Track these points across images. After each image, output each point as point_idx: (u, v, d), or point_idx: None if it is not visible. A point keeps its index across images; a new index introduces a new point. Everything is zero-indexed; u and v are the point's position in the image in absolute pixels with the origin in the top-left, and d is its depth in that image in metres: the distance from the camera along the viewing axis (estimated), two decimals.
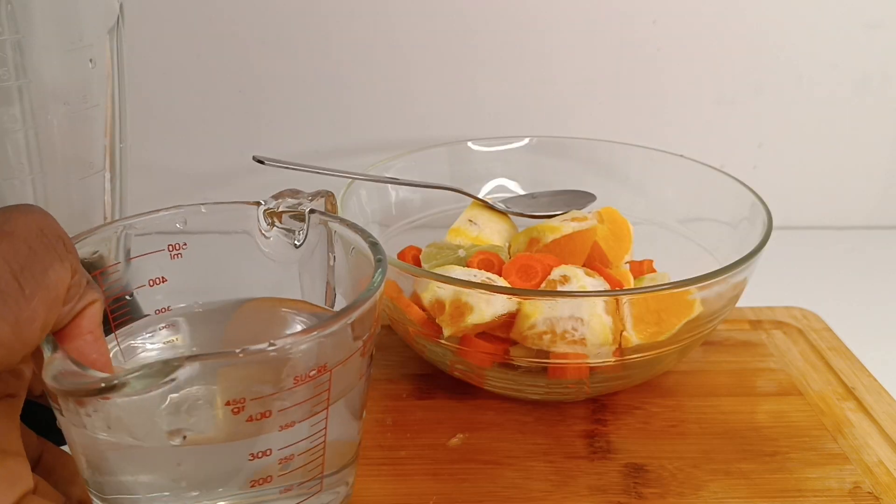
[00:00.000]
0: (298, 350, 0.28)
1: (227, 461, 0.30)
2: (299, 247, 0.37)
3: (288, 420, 0.29)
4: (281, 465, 0.30)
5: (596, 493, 0.39)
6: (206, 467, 0.30)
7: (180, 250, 0.37)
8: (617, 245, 0.50)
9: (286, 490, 0.31)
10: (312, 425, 0.30)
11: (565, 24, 0.64)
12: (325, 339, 0.29)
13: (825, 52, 0.66)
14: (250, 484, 0.30)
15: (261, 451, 0.29)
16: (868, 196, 0.71)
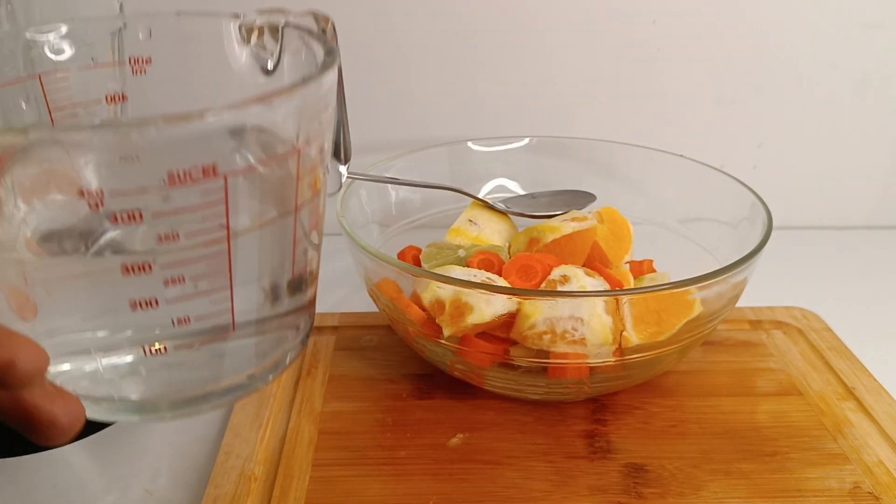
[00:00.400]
0: (172, 135, 0.23)
1: (97, 272, 0.26)
2: (271, 73, 0.32)
3: (168, 230, 0.24)
4: (167, 287, 0.25)
5: (596, 493, 0.39)
6: (71, 273, 0.26)
7: (144, 66, 0.32)
8: (617, 245, 0.50)
9: (182, 322, 0.27)
10: (207, 244, 0.26)
11: (565, 24, 0.64)
12: (217, 136, 0.24)
13: (825, 52, 0.66)
14: (131, 306, 0.26)
15: (136, 264, 0.25)
16: (868, 196, 0.71)
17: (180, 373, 0.28)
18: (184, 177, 0.24)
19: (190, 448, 0.44)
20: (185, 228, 0.25)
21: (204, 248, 0.26)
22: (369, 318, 0.54)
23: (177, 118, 0.23)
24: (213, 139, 0.24)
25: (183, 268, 0.25)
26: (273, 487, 0.39)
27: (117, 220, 0.24)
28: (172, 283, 0.25)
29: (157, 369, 0.28)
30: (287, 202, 0.28)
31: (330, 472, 0.41)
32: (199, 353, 0.28)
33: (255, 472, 0.40)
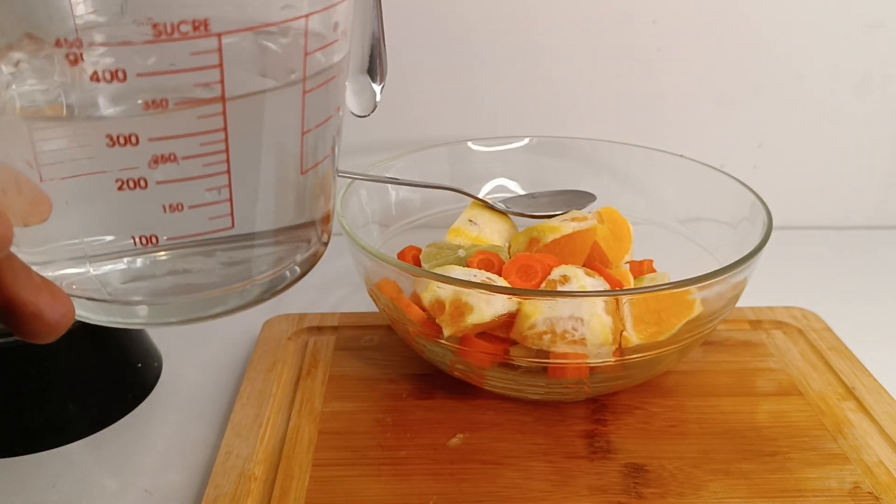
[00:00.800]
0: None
1: (81, 142, 0.23)
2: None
3: (154, 95, 0.22)
4: (157, 166, 0.23)
5: (596, 493, 0.39)
6: (57, 147, 0.23)
7: None
8: (617, 245, 0.50)
9: (174, 208, 0.24)
10: (200, 118, 0.23)
11: (565, 24, 0.64)
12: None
13: (825, 52, 0.66)
14: (117, 185, 0.23)
15: (121, 135, 0.22)
16: (868, 196, 0.71)
17: (173, 268, 0.26)
18: (171, 30, 0.21)
19: (190, 448, 0.44)
20: (173, 94, 0.22)
21: (196, 120, 0.23)
22: (369, 318, 0.54)
23: None
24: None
25: (173, 143, 0.23)
26: (273, 487, 0.39)
27: (98, 79, 0.21)
28: (161, 161, 0.23)
29: (151, 266, 0.25)
30: (294, 79, 0.25)
31: (330, 472, 0.41)
32: (194, 252, 0.26)
33: (255, 472, 0.40)
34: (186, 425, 0.46)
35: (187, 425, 0.46)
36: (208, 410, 0.47)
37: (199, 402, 0.48)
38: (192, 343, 0.53)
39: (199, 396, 0.48)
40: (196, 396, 0.48)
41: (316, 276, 0.66)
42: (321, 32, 0.25)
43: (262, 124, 0.25)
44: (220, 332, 0.54)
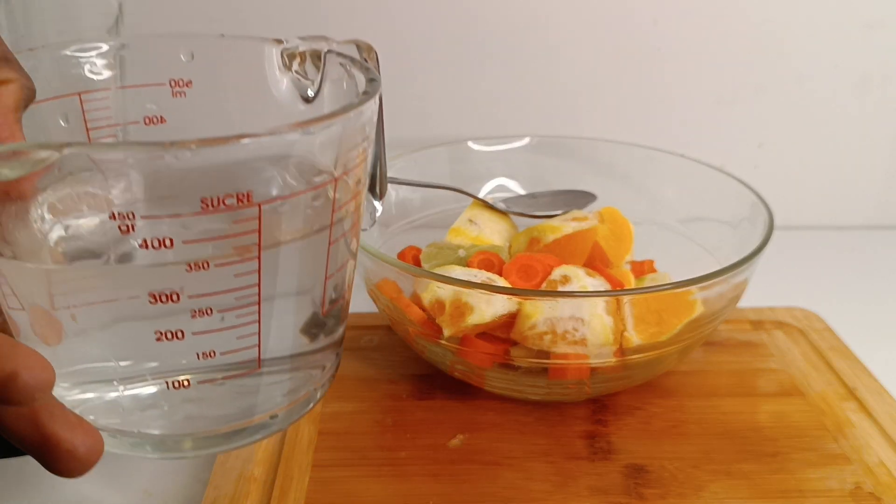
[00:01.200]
0: (205, 160, 0.22)
1: (124, 299, 0.25)
2: (311, 100, 0.32)
3: (196, 256, 0.24)
4: (194, 319, 0.25)
5: (596, 494, 0.39)
6: (101, 306, 0.25)
7: (184, 88, 0.32)
8: (618, 245, 0.49)
9: (206, 355, 0.26)
10: (237, 275, 0.25)
11: (566, 23, 0.64)
12: (253, 162, 0.23)
13: (826, 52, 0.66)
14: (156, 336, 0.25)
15: (164, 292, 0.24)
16: (869, 196, 0.71)
17: (203, 408, 0.27)
18: (217, 203, 0.23)
19: None
20: (215, 257, 0.24)
21: (234, 279, 0.25)
22: (369, 318, 0.54)
23: (213, 141, 0.22)
24: (250, 165, 0.24)
25: (211, 299, 0.25)
26: (272, 488, 0.39)
27: (147, 246, 0.23)
28: (199, 315, 0.25)
29: (180, 404, 0.27)
30: (321, 235, 0.27)
31: (329, 473, 0.40)
32: (223, 389, 0.27)
33: (254, 473, 0.40)
34: None
35: None
36: None
37: None
38: None
39: None
40: None
41: None
42: (347, 188, 0.27)
43: (291, 276, 0.27)
44: None
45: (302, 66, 0.32)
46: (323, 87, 0.32)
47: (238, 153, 0.23)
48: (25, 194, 0.23)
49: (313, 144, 0.25)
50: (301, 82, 0.32)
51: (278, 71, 0.32)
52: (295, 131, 0.24)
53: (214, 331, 0.25)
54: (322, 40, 0.31)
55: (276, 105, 0.33)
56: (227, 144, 0.22)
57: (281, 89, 0.32)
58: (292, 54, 0.32)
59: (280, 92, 0.32)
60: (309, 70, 0.32)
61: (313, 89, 0.32)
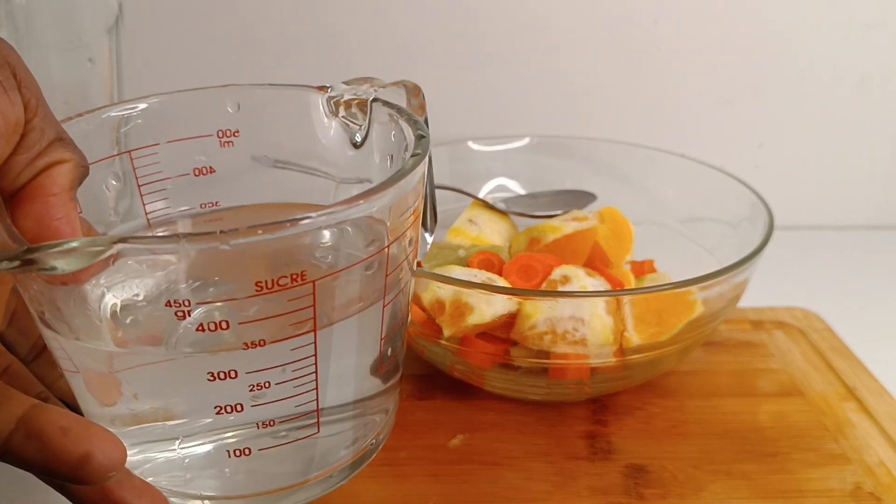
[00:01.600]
0: (259, 244, 0.22)
1: (182, 378, 0.26)
2: (359, 146, 0.31)
3: (254, 337, 0.24)
4: (252, 392, 0.25)
5: (597, 494, 0.39)
6: (160, 382, 0.26)
7: (231, 137, 0.32)
8: (618, 245, 0.49)
9: (266, 425, 0.26)
10: (293, 349, 0.25)
11: (566, 23, 0.64)
12: (305, 236, 0.24)
13: (826, 52, 0.65)
14: (216, 410, 0.26)
15: (222, 371, 0.24)
16: (869, 196, 0.71)
17: (263, 471, 0.28)
18: (271, 285, 0.23)
19: None
20: (271, 334, 0.24)
21: (290, 352, 0.25)
22: None
23: (267, 227, 0.22)
24: (304, 244, 0.24)
25: (268, 373, 0.25)
26: None
27: (204, 330, 0.24)
28: (258, 388, 0.25)
29: (240, 467, 0.27)
30: (374, 298, 0.27)
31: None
32: (284, 451, 0.27)
33: None
34: None
35: None
36: None
37: None
38: None
39: None
40: None
41: None
42: (399, 253, 0.27)
43: (347, 342, 0.28)
44: None
45: (348, 111, 0.32)
46: (371, 131, 0.32)
47: (292, 236, 0.23)
48: (81, 280, 0.24)
49: (366, 213, 0.25)
50: (349, 127, 0.32)
51: (325, 118, 0.32)
52: (346, 207, 0.23)
53: (273, 402, 0.26)
54: (367, 83, 0.31)
55: (323, 150, 0.33)
56: (281, 230, 0.22)
57: (329, 135, 0.32)
58: (338, 102, 0.32)
59: (328, 138, 0.32)
60: (356, 115, 0.32)
61: (361, 134, 0.32)
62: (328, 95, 0.32)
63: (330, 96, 0.32)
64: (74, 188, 0.25)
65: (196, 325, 0.24)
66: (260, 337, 0.24)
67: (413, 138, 0.28)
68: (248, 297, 0.23)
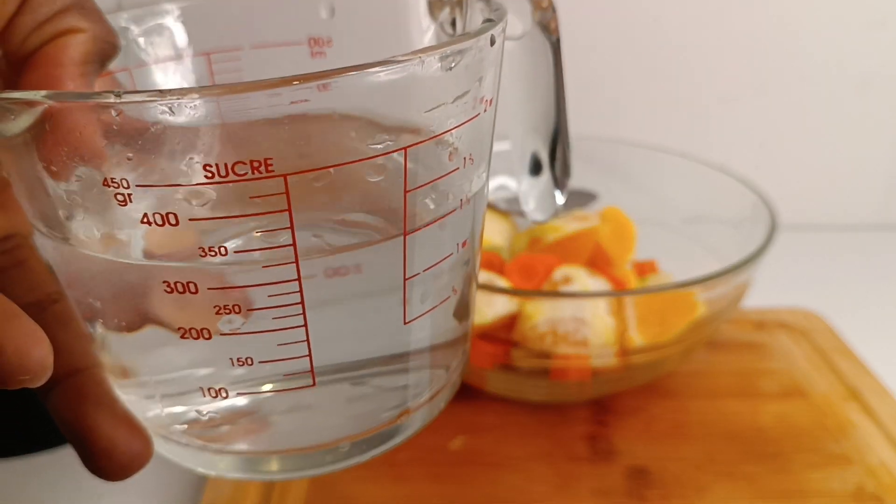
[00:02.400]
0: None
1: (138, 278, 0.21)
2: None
3: (212, 243, 0.20)
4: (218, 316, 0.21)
5: (598, 496, 0.39)
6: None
7: (323, 48, 0.28)
8: (619, 245, 0.49)
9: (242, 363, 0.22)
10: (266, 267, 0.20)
11: (566, 22, 0.64)
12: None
13: (828, 51, 0.65)
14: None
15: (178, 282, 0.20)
16: (872, 196, 0.71)
17: (293, 419, 0.24)
18: (225, 171, 0.19)
19: None
20: (234, 242, 0.20)
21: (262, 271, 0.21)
22: None
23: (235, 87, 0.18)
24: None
25: (234, 293, 0.21)
26: (272, 491, 0.39)
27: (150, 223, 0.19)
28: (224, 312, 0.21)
29: (267, 413, 0.24)
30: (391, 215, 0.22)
31: (329, 476, 0.40)
32: (316, 394, 0.23)
33: None
34: None
35: None
36: None
37: None
38: None
39: None
40: None
41: None
42: (430, 161, 0.22)
43: (352, 273, 0.22)
44: None
45: (451, 13, 0.27)
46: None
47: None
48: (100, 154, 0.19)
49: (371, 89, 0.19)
50: (448, 33, 0.28)
51: (423, 21, 0.28)
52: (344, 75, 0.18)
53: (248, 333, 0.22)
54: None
55: None
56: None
57: (425, 42, 0.28)
58: (440, 2, 0.27)
59: (424, 45, 0.28)
60: (457, 20, 0.27)
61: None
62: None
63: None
64: (89, 63, 0.21)
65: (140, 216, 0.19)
66: (220, 243, 0.20)
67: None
68: (199, 184, 0.19)
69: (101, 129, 0.18)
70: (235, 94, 0.18)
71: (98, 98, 0.18)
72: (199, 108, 0.18)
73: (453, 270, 0.24)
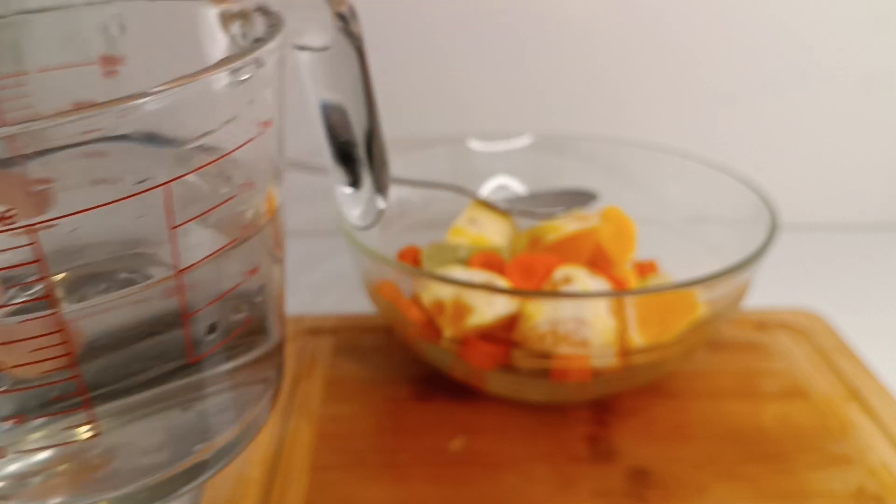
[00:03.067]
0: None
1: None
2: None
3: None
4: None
5: (599, 497, 0.39)
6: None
7: (116, 66, 0.27)
8: (620, 245, 0.49)
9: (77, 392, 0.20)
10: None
11: (567, 21, 0.64)
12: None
13: (830, 50, 0.65)
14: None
15: None
16: (874, 196, 0.71)
17: (78, 472, 0.22)
18: None
19: None
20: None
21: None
22: (368, 319, 0.53)
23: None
24: None
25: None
26: (271, 491, 0.39)
27: None
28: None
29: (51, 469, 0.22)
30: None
31: (329, 476, 0.40)
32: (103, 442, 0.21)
33: (252, 475, 0.40)
34: None
35: None
36: None
37: None
38: None
39: None
40: None
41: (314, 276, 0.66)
42: (198, 193, 0.21)
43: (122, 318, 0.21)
44: None
45: (242, 26, 0.27)
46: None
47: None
48: None
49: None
50: (241, 45, 0.27)
51: (217, 35, 0.28)
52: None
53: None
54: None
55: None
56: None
57: (219, 56, 0.27)
58: (230, 15, 0.27)
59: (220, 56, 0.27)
60: (248, 30, 0.27)
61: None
62: (220, 9, 0.27)
63: (223, 10, 0.27)
64: None
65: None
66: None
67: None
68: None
69: None
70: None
71: None
72: None
73: (243, 299, 0.23)
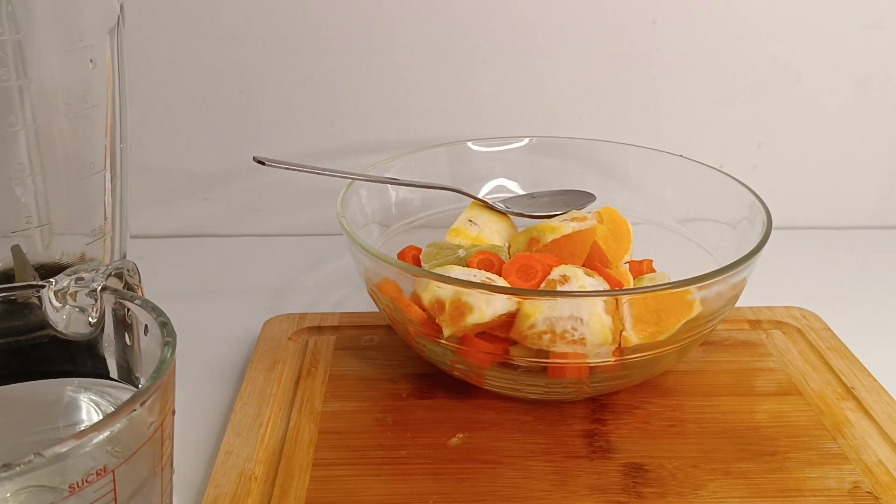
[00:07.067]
0: (68, 458, 0.24)
1: None
2: (94, 325, 0.35)
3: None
4: None
5: (595, 493, 0.39)
6: None
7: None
8: (616, 245, 0.50)
9: None
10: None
11: (565, 24, 0.64)
12: (102, 443, 0.25)
13: (824, 53, 0.66)
14: None
15: None
16: (868, 196, 0.71)
17: None
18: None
19: (190, 447, 0.44)
20: None
21: None
22: (369, 317, 0.54)
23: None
24: None
25: None
26: (273, 487, 0.39)
27: None
28: None
29: None
30: None
31: (330, 472, 0.41)
32: None
33: (255, 471, 0.40)
34: (186, 425, 0.46)
35: (187, 425, 0.46)
36: (208, 410, 0.47)
37: (200, 402, 0.48)
38: (191, 343, 0.52)
39: (200, 396, 0.48)
40: (196, 396, 0.48)
41: (316, 276, 0.66)
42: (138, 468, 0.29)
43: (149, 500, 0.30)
44: (220, 333, 0.54)
45: (75, 299, 0.34)
46: (105, 311, 0.34)
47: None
48: None
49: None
50: (81, 311, 0.34)
51: (55, 306, 0.34)
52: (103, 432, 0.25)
53: None
54: (90, 271, 0.34)
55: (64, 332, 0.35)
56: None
57: (63, 320, 0.34)
58: (64, 293, 0.34)
59: (63, 323, 0.35)
60: (83, 301, 0.34)
61: (93, 317, 0.34)
62: (53, 290, 0.34)
63: (56, 290, 0.34)
64: None
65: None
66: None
67: (156, 324, 0.31)
68: (62, 498, 0.25)
69: None
70: None
71: None
72: None
73: None
